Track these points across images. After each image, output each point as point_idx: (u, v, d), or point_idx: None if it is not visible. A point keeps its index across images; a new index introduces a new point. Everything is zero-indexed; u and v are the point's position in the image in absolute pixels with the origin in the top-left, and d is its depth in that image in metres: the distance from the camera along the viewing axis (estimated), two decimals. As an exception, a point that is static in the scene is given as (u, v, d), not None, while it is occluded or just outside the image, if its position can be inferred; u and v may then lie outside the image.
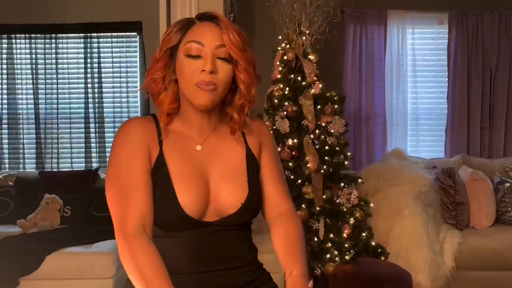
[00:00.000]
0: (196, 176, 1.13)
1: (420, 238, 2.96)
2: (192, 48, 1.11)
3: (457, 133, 3.97)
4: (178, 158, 1.14)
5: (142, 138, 1.13)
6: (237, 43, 1.11)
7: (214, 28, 1.12)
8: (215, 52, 1.11)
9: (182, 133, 1.18)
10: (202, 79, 1.09)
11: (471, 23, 3.94)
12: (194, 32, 1.13)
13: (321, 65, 2.93)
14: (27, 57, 4.22)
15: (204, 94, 1.10)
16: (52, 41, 4.20)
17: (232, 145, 1.21)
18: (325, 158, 2.77)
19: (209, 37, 1.11)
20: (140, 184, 1.08)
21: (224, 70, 1.12)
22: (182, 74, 1.12)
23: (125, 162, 1.10)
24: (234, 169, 1.18)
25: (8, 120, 4.24)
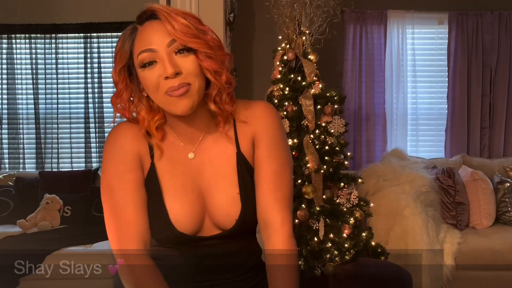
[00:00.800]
0: (189, 189, 1.06)
1: (420, 238, 2.96)
2: (145, 58, 0.99)
3: (457, 133, 3.97)
4: (169, 170, 1.06)
5: (132, 148, 1.06)
6: (185, 29, 0.97)
7: (158, 25, 0.99)
8: (169, 50, 0.98)
9: (172, 141, 1.08)
10: (170, 85, 0.97)
11: (471, 23, 3.94)
12: (139, 40, 1.00)
13: (321, 65, 2.93)
14: (27, 57, 4.22)
15: (179, 101, 0.98)
16: (52, 41, 4.20)
17: (224, 146, 1.09)
18: (325, 158, 2.77)
19: (156, 38, 0.98)
20: (135, 198, 1.03)
21: (188, 63, 0.98)
22: (148, 89, 1.01)
23: (117, 175, 1.03)
24: (225, 179, 1.07)
25: (8, 120, 4.24)
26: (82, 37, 4.20)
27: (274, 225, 1.07)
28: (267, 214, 1.07)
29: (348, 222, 2.70)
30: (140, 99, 1.06)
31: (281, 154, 1.09)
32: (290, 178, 1.11)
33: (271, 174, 1.08)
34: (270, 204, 1.07)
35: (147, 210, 1.04)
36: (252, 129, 1.09)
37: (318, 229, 2.68)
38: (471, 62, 3.95)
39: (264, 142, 1.09)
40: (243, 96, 4.14)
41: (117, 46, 1.04)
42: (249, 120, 1.09)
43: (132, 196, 1.03)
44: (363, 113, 3.97)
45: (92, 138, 4.23)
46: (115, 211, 1.03)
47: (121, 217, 1.02)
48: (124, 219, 1.02)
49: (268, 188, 1.07)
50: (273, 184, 1.07)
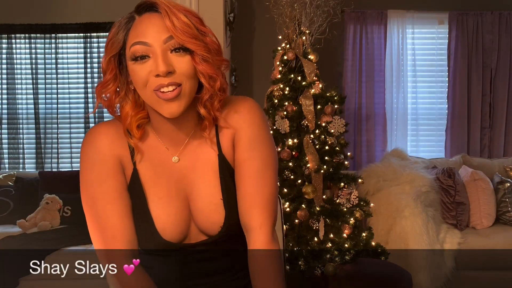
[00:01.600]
0: (173, 196, 1.01)
1: (420, 238, 2.96)
2: (137, 51, 0.92)
3: (457, 133, 3.97)
4: (153, 175, 1.01)
5: (112, 153, 0.99)
6: (184, 28, 0.91)
7: (157, 19, 0.92)
8: (165, 47, 0.92)
9: (155, 144, 1.02)
10: (159, 83, 0.91)
11: (471, 23, 3.94)
12: (135, 32, 0.94)
13: (321, 65, 2.93)
14: (27, 57, 4.22)
15: (168, 103, 0.92)
16: (52, 41, 4.20)
17: (206, 150, 1.03)
18: (325, 158, 2.77)
19: (152, 32, 0.92)
20: (119, 206, 0.97)
21: (183, 64, 0.93)
22: (136, 84, 0.95)
23: (98, 183, 0.97)
24: (208, 184, 1.02)
25: (8, 120, 4.24)
26: (82, 37, 4.20)
27: (253, 228, 1.01)
28: (246, 217, 1.02)
29: (348, 222, 2.70)
30: (127, 93, 0.99)
31: (261, 154, 1.03)
32: (271, 179, 1.04)
33: (251, 176, 1.02)
34: (248, 207, 1.02)
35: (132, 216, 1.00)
36: (232, 127, 1.03)
37: (318, 229, 2.68)
38: (471, 62, 3.95)
39: (244, 142, 1.03)
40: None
41: (110, 34, 0.97)
42: (229, 117, 1.03)
43: (116, 205, 0.98)
44: (363, 113, 3.97)
45: (92, 138, 4.23)
46: (99, 222, 0.98)
47: (106, 228, 0.98)
48: (110, 230, 0.97)
49: (248, 191, 1.02)
50: (253, 187, 1.02)
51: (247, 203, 1.01)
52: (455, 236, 3.10)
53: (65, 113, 4.25)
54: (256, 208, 1.01)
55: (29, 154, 4.26)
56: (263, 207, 1.02)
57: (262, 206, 1.01)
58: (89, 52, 4.20)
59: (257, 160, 1.02)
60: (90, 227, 1.00)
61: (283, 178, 2.77)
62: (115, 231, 0.97)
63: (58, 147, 4.23)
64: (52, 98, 4.23)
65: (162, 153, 1.02)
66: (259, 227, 1.01)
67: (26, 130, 4.25)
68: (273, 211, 1.03)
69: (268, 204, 1.02)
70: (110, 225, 0.97)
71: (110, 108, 1.00)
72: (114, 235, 0.97)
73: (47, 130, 4.23)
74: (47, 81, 4.23)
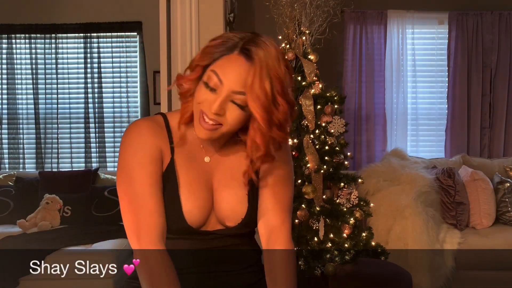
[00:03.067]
0: (202, 185, 1.11)
1: (420, 238, 2.96)
2: (211, 79, 1.01)
3: (457, 133, 3.97)
4: (187, 166, 1.10)
5: (155, 142, 1.07)
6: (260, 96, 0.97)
7: (245, 67, 0.99)
8: (231, 96, 1.00)
9: (194, 141, 1.13)
10: (206, 111, 1.01)
11: (471, 23, 3.94)
12: (223, 64, 1.01)
13: (321, 65, 2.93)
14: (27, 57, 4.22)
15: (204, 130, 1.03)
16: (52, 41, 4.20)
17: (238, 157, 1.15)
18: (325, 158, 2.77)
19: (231, 78, 0.99)
20: (156, 189, 1.05)
21: (234, 114, 1.01)
22: (195, 96, 1.05)
23: (139, 167, 1.04)
24: (236, 181, 1.13)
25: (8, 120, 4.24)
26: (82, 37, 4.20)
27: (275, 226, 1.14)
28: (268, 215, 1.14)
29: (348, 222, 2.70)
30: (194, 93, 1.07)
31: (286, 166, 1.17)
32: (291, 187, 1.19)
33: (276, 183, 1.15)
34: (271, 206, 1.14)
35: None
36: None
37: (318, 229, 2.68)
38: (471, 62, 3.95)
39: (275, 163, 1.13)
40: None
41: (213, 43, 1.03)
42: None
43: (155, 188, 1.05)
44: (363, 113, 3.97)
45: (92, 138, 4.23)
46: (136, 202, 1.04)
47: (144, 207, 1.04)
48: (147, 208, 1.04)
49: (270, 193, 1.14)
50: (274, 190, 1.15)
51: (270, 202, 1.14)
52: (455, 236, 3.11)
53: (65, 113, 4.25)
54: (279, 208, 1.14)
55: (29, 154, 4.26)
56: (284, 208, 1.16)
57: (283, 206, 1.15)
58: (89, 52, 4.21)
59: (282, 169, 1.15)
60: (124, 209, 1.06)
61: (283, 178, 2.77)
62: (152, 210, 1.04)
63: (58, 147, 4.23)
64: (52, 98, 4.23)
65: (197, 150, 1.13)
66: (281, 224, 1.14)
67: (26, 130, 4.26)
68: (291, 213, 1.19)
69: (288, 206, 1.17)
70: (148, 205, 1.04)
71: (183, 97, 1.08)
72: (151, 213, 1.03)
73: (47, 130, 4.23)
74: (47, 81, 4.23)
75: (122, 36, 4.22)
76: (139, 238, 1.03)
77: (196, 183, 1.10)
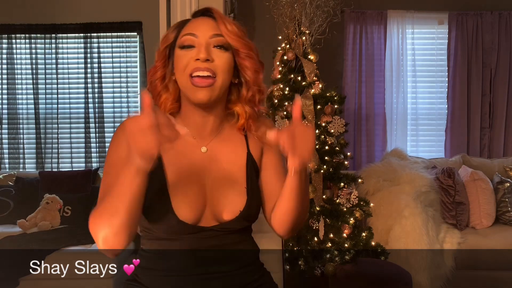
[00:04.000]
0: (193, 180, 1.10)
1: (420, 238, 2.96)
2: (186, 40, 1.08)
3: (457, 133, 3.97)
4: (176, 161, 1.11)
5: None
6: (235, 31, 1.08)
7: (209, 21, 1.10)
8: (210, 41, 1.07)
9: (185, 135, 1.11)
10: (197, 66, 1.05)
11: (471, 23, 3.94)
12: (188, 27, 1.11)
13: (321, 65, 2.93)
14: (27, 57, 4.22)
15: (199, 91, 1.06)
16: (52, 41, 4.20)
17: (234, 148, 1.17)
18: (325, 158, 2.77)
19: (202, 28, 1.08)
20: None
21: (222, 57, 1.07)
22: (177, 68, 1.09)
23: (117, 162, 1.06)
24: (234, 175, 1.14)
25: (8, 120, 4.24)
26: (82, 37, 4.20)
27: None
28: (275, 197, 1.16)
29: (348, 222, 2.70)
30: (169, 81, 1.12)
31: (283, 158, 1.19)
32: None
33: (275, 163, 1.20)
34: (278, 188, 1.15)
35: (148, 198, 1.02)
36: (261, 143, 1.19)
37: (318, 229, 2.68)
38: (471, 62, 3.96)
39: (273, 150, 1.19)
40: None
41: (167, 31, 1.14)
42: (259, 136, 1.18)
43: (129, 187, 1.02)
44: (363, 113, 3.97)
45: (92, 138, 4.23)
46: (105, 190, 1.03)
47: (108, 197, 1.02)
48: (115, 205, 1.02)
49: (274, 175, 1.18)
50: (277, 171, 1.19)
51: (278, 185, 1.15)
52: (455, 236, 3.11)
53: (65, 113, 4.25)
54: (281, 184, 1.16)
55: (29, 154, 4.26)
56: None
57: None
58: (89, 52, 4.21)
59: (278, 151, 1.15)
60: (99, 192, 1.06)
61: (283, 178, 2.77)
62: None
63: (58, 147, 4.23)
64: (52, 98, 4.23)
65: (188, 142, 1.14)
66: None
67: (26, 130, 4.25)
68: None
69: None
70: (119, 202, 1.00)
71: (154, 92, 1.13)
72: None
73: (47, 130, 4.23)
74: (47, 81, 4.23)
75: (122, 36, 4.22)
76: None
77: (186, 178, 1.10)
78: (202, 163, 1.13)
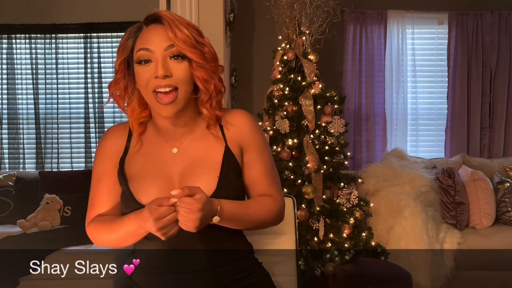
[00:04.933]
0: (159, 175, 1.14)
1: (420, 238, 2.96)
2: (142, 55, 1.09)
3: (457, 133, 3.97)
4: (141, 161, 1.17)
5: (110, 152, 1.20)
6: (185, 38, 1.07)
7: (160, 30, 1.09)
8: (165, 54, 1.07)
9: (154, 138, 1.19)
10: (157, 84, 1.07)
11: (471, 23, 3.94)
12: (141, 39, 1.10)
13: (321, 65, 2.93)
14: (27, 57, 4.22)
15: (165, 107, 1.08)
16: (52, 41, 4.20)
17: (210, 144, 1.18)
18: (325, 158, 2.77)
19: (155, 41, 1.08)
20: (104, 196, 1.20)
21: (180, 69, 1.08)
22: (139, 83, 1.11)
23: (96, 176, 1.22)
24: (204, 167, 1.15)
25: (8, 120, 4.24)
26: (82, 37, 4.20)
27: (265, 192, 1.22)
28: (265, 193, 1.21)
29: (348, 222, 2.70)
30: (133, 91, 1.16)
31: (267, 154, 1.24)
32: (277, 172, 1.28)
33: (263, 170, 1.21)
34: (267, 187, 1.21)
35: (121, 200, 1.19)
36: (238, 136, 1.20)
37: (318, 229, 2.68)
38: (471, 62, 3.95)
39: (253, 148, 1.21)
40: (243, 96, 4.14)
41: (121, 40, 1.15)
42: (236, 130, 1.20)
43: (103, 197, 1.21)
44: (363, 113, 3.97)
45: (92, 138, 4.23)
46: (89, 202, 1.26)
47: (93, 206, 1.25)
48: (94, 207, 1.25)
49: (263, 180, 1.21)
50: (266, 178, 1.22)
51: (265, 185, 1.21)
52: (455, 236, 3.11)
53: (65, 113, 4.25)
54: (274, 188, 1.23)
55: (29, 154, 4.26)
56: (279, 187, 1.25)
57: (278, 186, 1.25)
58: (89, 52, 4.21)
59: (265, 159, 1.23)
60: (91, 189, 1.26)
61: (283, 178, 2.77)
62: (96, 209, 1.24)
63: (58, 147, 4.23)
64: (52, 98, 4.23)
65: (160, 145, 1.18)
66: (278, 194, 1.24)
67: (26, 130, 4.25)
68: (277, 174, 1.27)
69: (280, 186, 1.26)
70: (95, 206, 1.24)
71: (120, 103, 1.17)
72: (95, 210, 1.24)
73: (47, 130, 4.23)
74: (47, 81, 4.23)
75: (122, 36, 4.22)
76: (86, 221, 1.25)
77: (151, 174, 1.14)
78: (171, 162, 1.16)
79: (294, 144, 2.79)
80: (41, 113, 4.23)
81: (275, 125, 2.84)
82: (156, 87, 1.07)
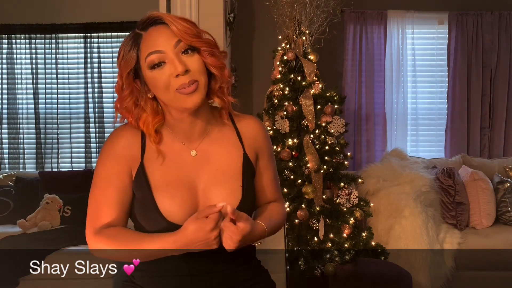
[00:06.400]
0: (182, 183, 1.12)
1: (420, 238, 2.96)
2: (154, 59, 1.06)
3: (457, 133, 3.97)
4: (161, 168, 1.12)
5: (123, 154, 1.13)
6: (188, 29, 1.06)
7: (162, 30, 1.07)
8: (176, 51, 1.06)
9: (170, 142, 1.15)
10: (181, 82, 1.05)
11: (471, 23, 3.94)
12: (146, 44, 1.08)
13: (321, 65, 2.93)
14: (27, 57, 4.22)
15: (189, 97, 1.06)
16: (52, 41, 4.20)
17: (228, 149, 1.18)
18: (325, 158, 2.77)
19: (162, 41, 1.06)
20: (113, 201, 1.13)
21: (194, 62, 1.07)
22: (157, 88, 1.08)
23: (104, 178, 1.14)
24: (227, 174, 1.15)
25: (8, 120, 4.24)
26: (82, 37, 4.20)
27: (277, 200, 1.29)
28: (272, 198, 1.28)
29: (348, 222, 2.70)
30: (146, 102, 1.12)
31: (274, 160, 1.30)
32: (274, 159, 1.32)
33: (272, 176, 1.27)
34: (274, 192, 1.28)
35: (136, 207, 1.13)
36: (255, 144, 1.23)
37: (318, 229, 2.68)
38: (471, 62, 3.95)
39: (266, 155, 1.25)
40: (243, 96, 4.14)
41: (120, 54, 1.10)
42: (252, 136, 1.22)
43: (112, 199, 1.13)
44: (363, 113, 3.97)
45: (92, 138, 4.23)
46: (92, 205, 1.17)
47: (96, 210, 1.15)
48: (98, 212, 1.15)
49: (272, 186, 1.27)
50: (274, 183, 1.28)
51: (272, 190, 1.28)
52: (455, 236, 3.11)
53: (65, 113, 4.25)
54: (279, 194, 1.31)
55: (29, 154, 4.26)
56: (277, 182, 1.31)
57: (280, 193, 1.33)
58: (89, 52, 4.21)
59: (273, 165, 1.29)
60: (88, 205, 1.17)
61: (283, 178, 2.77)
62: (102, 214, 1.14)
63: (58, 147, 4.23)
64: (52, 98, 4.23)
65: (178, 148, 1.15)
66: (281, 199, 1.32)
67: (26, 130, 4.25)
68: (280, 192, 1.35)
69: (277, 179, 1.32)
70: (100, 210, 1.14)
71: (131, 118, 1.14)
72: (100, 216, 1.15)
73: (47, 130, 4.23)
74: (47, 81, 4.23)
75: (122, 36, 4.22)
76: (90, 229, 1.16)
77: (174, 182, 1.12)
78: (191, 166, 1.14)
79: (294, 144, 2.79)
80: (41, 113, 4.23)
81: (275, 125, 2.84)
82: (180, 87, 1.05)
